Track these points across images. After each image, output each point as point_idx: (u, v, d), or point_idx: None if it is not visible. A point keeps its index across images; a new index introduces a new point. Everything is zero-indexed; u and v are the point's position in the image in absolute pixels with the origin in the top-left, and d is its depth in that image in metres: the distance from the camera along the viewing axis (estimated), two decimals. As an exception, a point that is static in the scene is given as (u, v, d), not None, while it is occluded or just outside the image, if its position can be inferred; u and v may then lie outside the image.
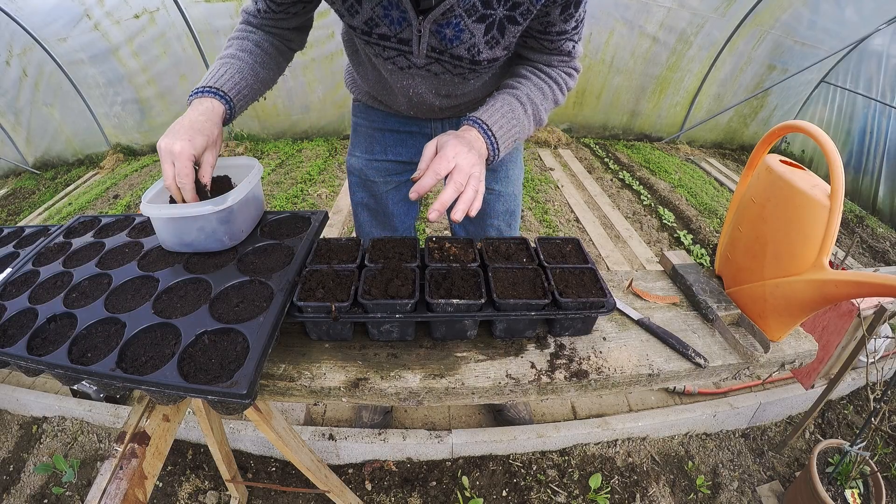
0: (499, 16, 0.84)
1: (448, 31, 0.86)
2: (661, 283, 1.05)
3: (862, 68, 4.61)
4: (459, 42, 0.88)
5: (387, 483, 1.77)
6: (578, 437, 1.88)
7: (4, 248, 1.06)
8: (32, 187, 4.78)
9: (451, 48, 0.89)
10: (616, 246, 3.30)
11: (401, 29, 0.87)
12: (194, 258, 0.92)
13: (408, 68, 0.97)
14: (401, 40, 0.90)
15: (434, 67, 0.96)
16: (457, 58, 0.92)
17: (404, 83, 1.03)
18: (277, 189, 4.00)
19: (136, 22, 4.23)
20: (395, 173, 1.34)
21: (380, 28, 0.88)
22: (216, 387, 0.65)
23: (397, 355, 0.83)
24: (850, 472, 1.54)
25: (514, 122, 0.92)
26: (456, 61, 0.93)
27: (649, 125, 5.62)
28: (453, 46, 0.89)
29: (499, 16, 0.84)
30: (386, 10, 0.85)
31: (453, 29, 0.86)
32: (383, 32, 0.89)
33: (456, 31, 0.86)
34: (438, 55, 0.92)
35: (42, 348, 0.75)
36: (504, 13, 0.84)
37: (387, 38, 0.90)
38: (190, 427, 1.86)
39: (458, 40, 0.88)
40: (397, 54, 0.94)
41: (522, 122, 0.94)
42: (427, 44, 0.89)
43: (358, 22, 0.88)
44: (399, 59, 0.95)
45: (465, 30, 0.86)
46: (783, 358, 0.85)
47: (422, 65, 0.95)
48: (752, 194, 0.87)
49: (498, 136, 0.89)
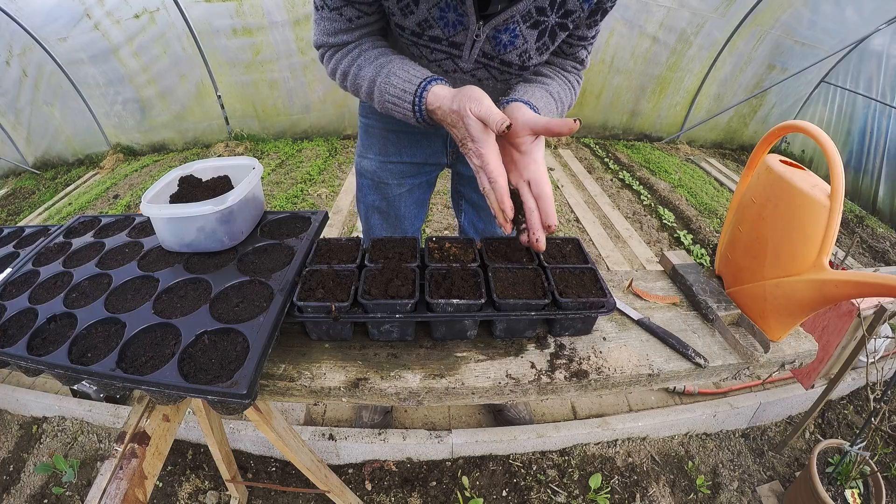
0: (552, 23, 0.85)
1: (504, 36, 0.86)
2: (661, 283, 1.05)
3: (862, 68, 4.61)
4: (513, 48, 0.89)
5: (387, 483, 1.77)
6: (578, 437, 1.88)
7: (4, 248, 1.06)
8: (32, 187, 4.78)
9: (502, 54, 0.90)
10: (616, 246, 3.30)
11: (455, 32, 0.87)
12: (194, 258, 0.92)
13: (453, 72, 0.97)
14: (452, 44, 0.89)
15: (479, 73, 0.96)
16: (507, 63, 0.92)
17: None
18: (277, 189, 4.00)
19: (136, 22, 4.24)
20: (409, 175, 1.32)
21: (433, 30, 0.87)
22: (216, 387, 0.65)
23: (397, 355, 0.83)
24: (850, 472, 1.54)
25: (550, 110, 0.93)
26: (504, 67, 0.93)
27: (649, 125, 5.62)
28: (506, 52, 0.89)
29: (552, 23, 0.85)
30: (443, 13, 0.83)
31: (510, 35, 0.86)
32: (436, 35, 0.88)
33: (511, 36, 0.86)
34: (488, 61, 0.92)
35: (42, 348, 0.75)
36: (556, 20, 0.85)
37: (438, 40, 0.89)
38: (190, 427, 1.86)
39: (511, 46, 0.88)
40: (445, 57, 0.93)
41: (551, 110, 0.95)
42: (480, 49, 0.89)
43: (410, 23, 0.87)
44: (446, 62, 0.94)
45: (520, 36, 0.86)
46: (783, 358, 0.85)
47: (468, 69, 0.95)
48: (752, 194, 0.87)
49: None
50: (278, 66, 4.65)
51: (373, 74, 0.88)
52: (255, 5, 4.24)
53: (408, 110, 0.84)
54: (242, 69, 4.65)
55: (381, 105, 0.89)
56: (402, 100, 0.84)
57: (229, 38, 4.44)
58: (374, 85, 0.88)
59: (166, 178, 0.99)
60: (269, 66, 4.65)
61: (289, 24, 4.37)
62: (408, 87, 0.83)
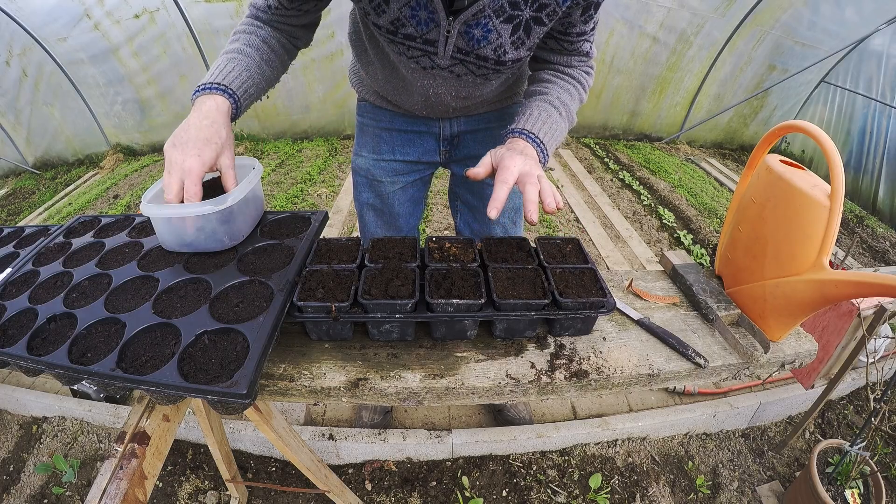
0: (525, 17, 0.86)
1: (476, 31, 0.87)
2: (661, 283, 1.05)
3: (862, 68, 4.61)
4: (487, 43, 0.89)
5: (387, 483, 1.77)
6: (578, 437, 1.88)
7: (4, 248, 1.06)
8: (32, 187, 4.77)
9: (477, 49, 0.90)
10: (616, 246, 3.30)
11: (427, 30, 0.88)
12: (194, 258, 0.92)
13: (430, 69, 0.97)
14: (426, 41, 0.90)
15: (457, 69, 0.97)
16: (482, 58, 0.93)
17: (425, 83, 1.03)
18: (277, 189, 4.00)
19: (136, 22, 4.23)
20: (403, 173, 1.33)
21: (406, 28, 0.88)
22: (216, 387, 0.65)
23: (397, 355, 0.83)
24: (850, 472, 1.54)
25: (553, 125, 0.94)
26: (481, 62, 0.94)
27: (649, 125, 5.62)
28: (480, 47, 0.90)
29: (525, 17, 0.86)
30: (413, 11, 0.85)
31: (482, 29, 0.86)
32: (409, 33, 0.89)
33: (484, 31, 0.87)
34: (464, 56, 0.93)
35: (42, 348, 0.75)
36: (531, 14, 0.85)
37: (412, 38, 0.90)
38: (190, 427, 1.86)
39: (485, 41, 0.88)
40: (422, 54, 0.94)
41: (560, 124, 0.97)
42: (454, 45, 0.90)
43: (384, 21, 0.88)
44: (423, 59, 0.95)
45: (493, 30, 0.87)
46: (783, 358, 0.85)
47: (445, 66, 0.96)
48: (752, 194, 0.87)
49: (545, 141, 0.91)
50: (278, 66, 4.65)
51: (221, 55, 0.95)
52: (255, 5, 4.24)
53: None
54: (242, 69, 4.65)
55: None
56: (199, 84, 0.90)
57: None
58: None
59: (166, 178, 0.99)
60: (269, 67, 4.65)
61: (289, 24, 4.37)
62: (203, 79, 0.90)
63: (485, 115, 1.25)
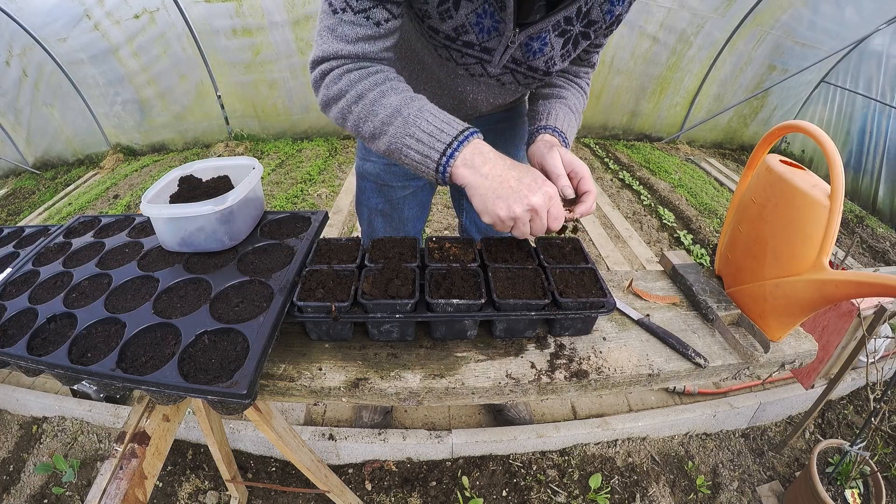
0: (576, 31, 0.90)
1: (535, 44, 0.89)
2: (661, 283, 1.05)
3: (862, 68, 4.61)
4: (541, 55, 0.92)
5: (387, 483, 1.77)
6: (578, 437, 1.88)
7: (4, 248, 1.06)
8: (32, 187, 4.77)
9: (530, 60, 0.93)
10: (616, 246, 3.30)
11: (489, 38, 0.88)
12: (194, 258, 0.92)
13: (479, 76, 0.98)
14: (484, 49, 0.90)
15: (505, 77, 0.99)
16: (533, 69, 0.95)
17: (467, 88, 1.03)
18: (277, 189, 4.00)
19: (136, 22, 4.23)
20: (413, 177, 1.31)
21: (468, 35, 0.87)
22: (216, 387, 0.65)
23: (397, 355, 0.83)
24: (850, 472, 1.54)
25: (572, 128, 1.02)
26: (531, 72, 0.96)
27: (649, 125, 5.62)
28: (535, 59, 0.92)
29: (576, 31, 0.90)
30: (479, 18, 0.84)
31: (540, 42, 0.89)
32: (469, 40, 0.88)
33: (542, 44, 0.90)
34: (516, 66, 0.95)
35: (42, 348, 0.75)
36: (580, 29, 0.90)
37: (471, 45, 0.90)
38: (190, 427, 1.86)
39: (540, 53, 0.91)
40: (475, 62, 0.94)
41: (574, 128, 1.04)
42: (511, 55, 0.91)
43: (447, 27, 0.86)
44: (475, 66, 0.95)
45: (549, 43, 0.90)
46: (783, 358, 0.85)
47: (495, 74, 0.97)
48: (752, 194, 0.87)
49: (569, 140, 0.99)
50: (278, 66, 4.65)
51: (398, 104, 0.78)
52: (255, 5, 4.24)
53: (433, 154, 0.76)
54: (242, 69, 4.65)
55: (395, 143, 0.79)
56: (434, 138, 0.76)
57: (229, 39, 4.44)
58: (398, 115, 0.77)
59: (166, 178, 0.99)
60: (269, 67, 4.65)
61: (289, 24, 4.37)
62: (446, 129, 0.76)
63: (496, 114, 1.27)
